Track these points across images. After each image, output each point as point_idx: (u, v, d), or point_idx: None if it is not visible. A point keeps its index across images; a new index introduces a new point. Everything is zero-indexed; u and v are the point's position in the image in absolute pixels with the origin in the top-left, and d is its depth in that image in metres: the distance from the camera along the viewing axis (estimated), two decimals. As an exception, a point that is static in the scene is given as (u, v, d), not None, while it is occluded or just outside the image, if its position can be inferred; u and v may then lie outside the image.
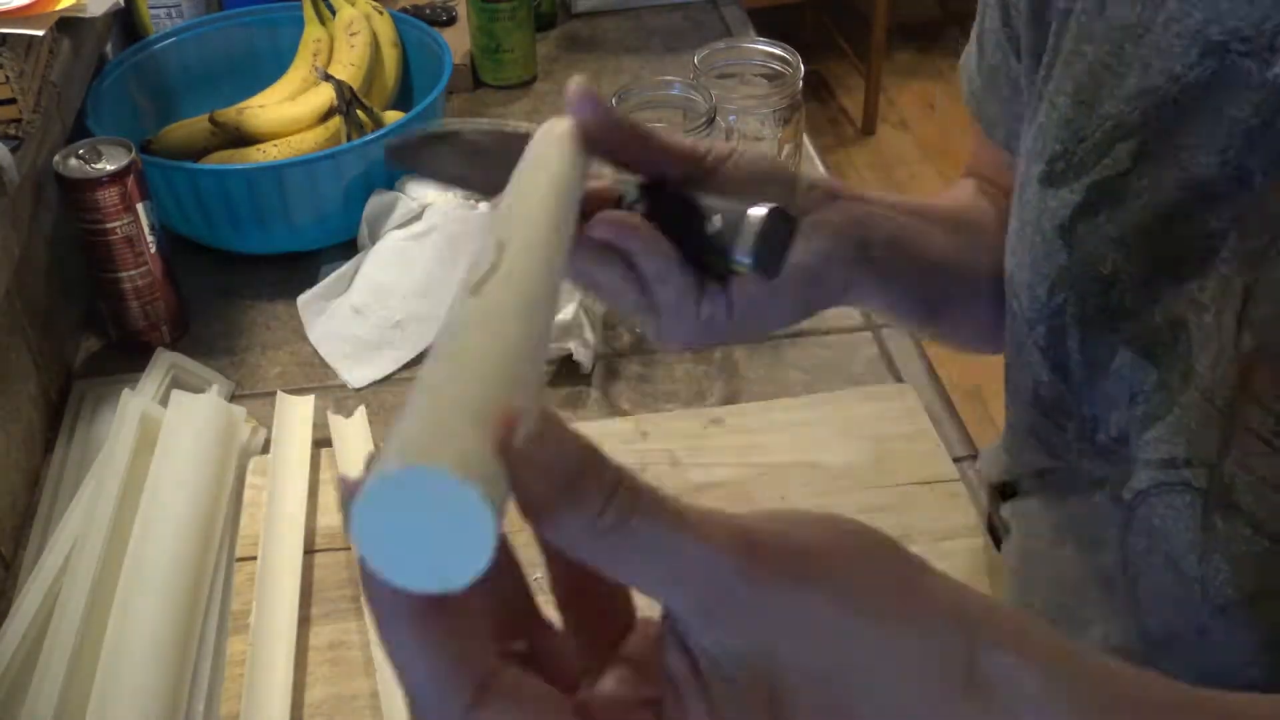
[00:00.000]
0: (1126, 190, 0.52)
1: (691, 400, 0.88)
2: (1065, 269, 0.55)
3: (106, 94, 1.01)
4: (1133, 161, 0.51)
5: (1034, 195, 0.57)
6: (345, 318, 0.93)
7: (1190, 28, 0.48)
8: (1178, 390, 0.51)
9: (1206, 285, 0.49)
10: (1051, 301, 0.56)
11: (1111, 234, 0.53)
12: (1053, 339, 0.57)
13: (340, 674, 0.68)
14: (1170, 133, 0.50)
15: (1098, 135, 0.53)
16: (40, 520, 0.79)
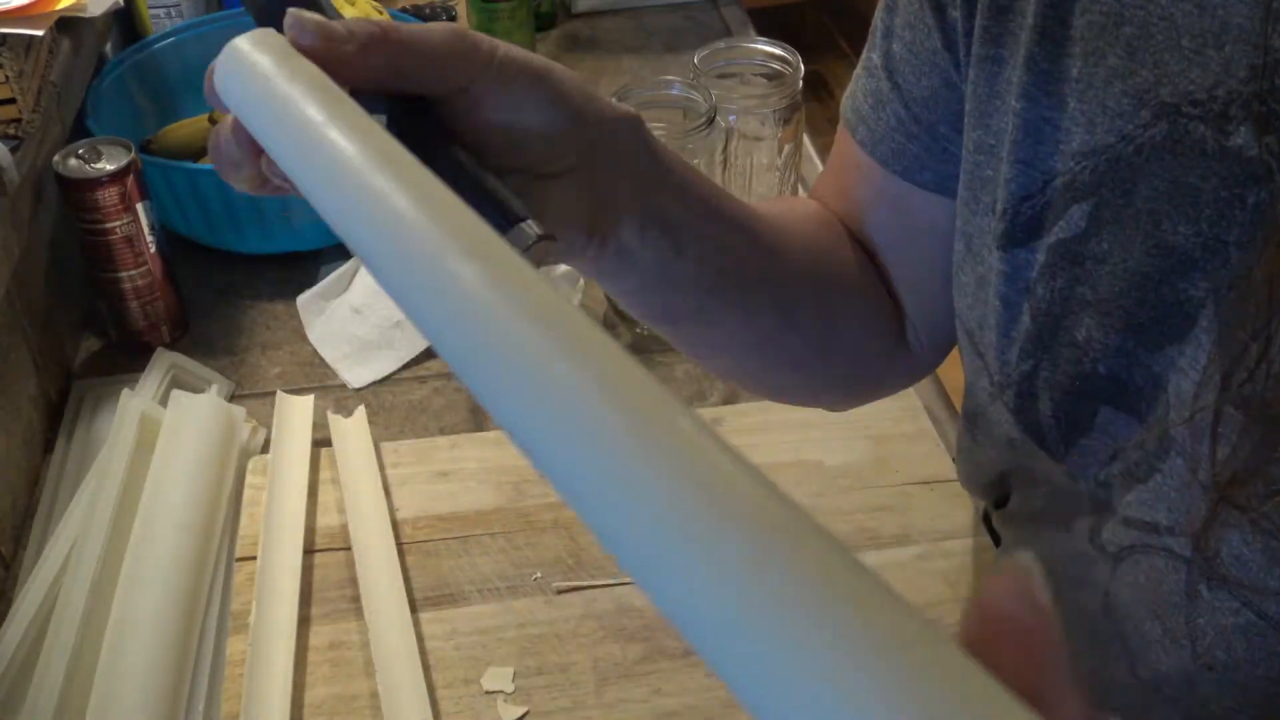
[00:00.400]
0: (1089, 254, 0.48)
1: (691, 400, 0.88)
2: (1033, 334, 0.52)
3: (106, 94, 1.01)
4: (1090, 224, 0.48)
5: (989, 252, 0.53)
6: (345, 318, 0.93)
7: (1137, 86, 0.44)
8: (1157, 455, 0.48)
9: (1185, 350, 0.46)
10: (1021, 366, 0.53)
11: (1084, 296, 0.49)
12: (1023, 403, 0.54)
13: (340, 674, 0.68)
14: (1130, 195, 0.46)
15: (1049, 193, 0.49)
16: (40, 520, 0.79)
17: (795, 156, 0.96)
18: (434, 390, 0.89)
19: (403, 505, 0.77)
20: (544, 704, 0.66)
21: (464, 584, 0.73)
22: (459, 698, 0.66)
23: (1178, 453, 0.47)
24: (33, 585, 0.71)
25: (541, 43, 1.33)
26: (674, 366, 0.91)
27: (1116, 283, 0.48)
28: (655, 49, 1.34)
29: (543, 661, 0.68)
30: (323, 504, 0.78)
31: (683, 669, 0.67)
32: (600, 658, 0.68)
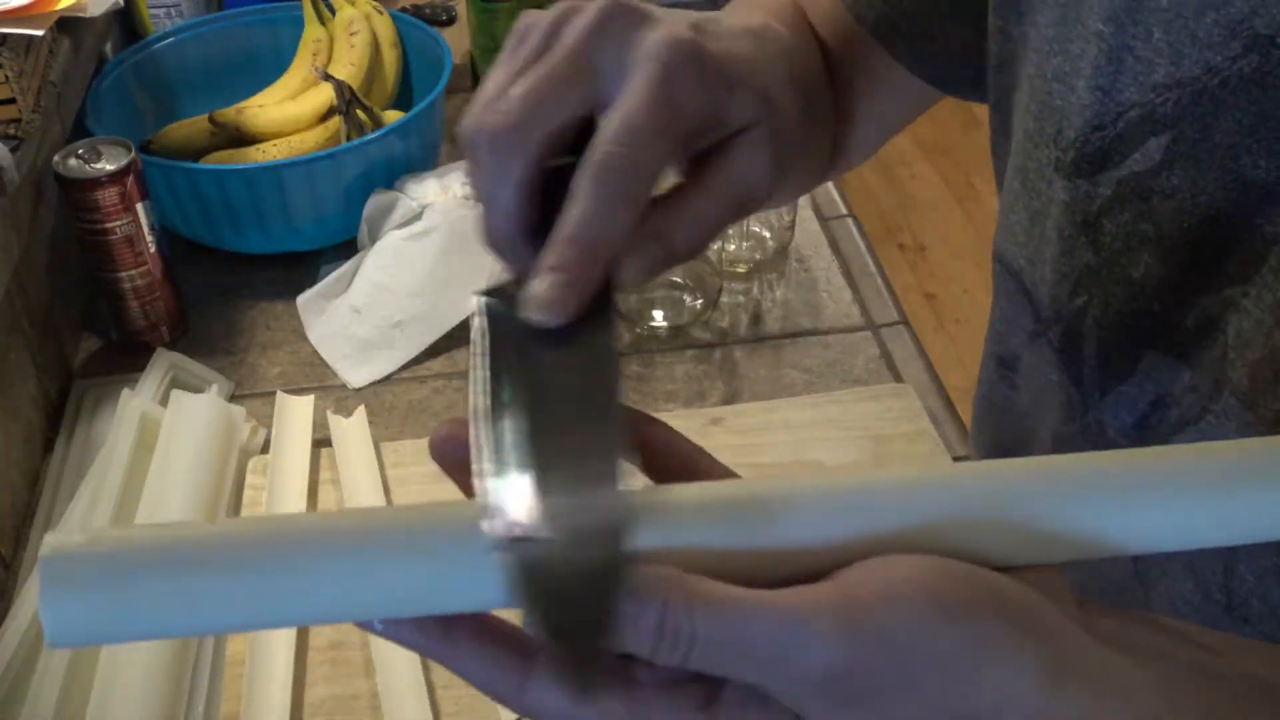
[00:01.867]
0: (1158, 189, 0.48)
1: (691, 400, 0.88)
2: (1091, 269, 0.51)
3: (106, 94, 1.01)
4: (1165, 157, 0.47)
5: (1048, 185, 0.53)
6: (345, 318, 0.93)
7: (1230, 17, 0.43)
8: (1209, 395, 0.48)
9: (1250, 290, 0.46)
10: (1074, 302, 0.53)
11: (1146, 233, 0.49)
12: (1068, 341, 0.54)
13: (340, 674, 0.68)
14: (1210, 129, 0.46)
15: (1121, 125, 0.48)
16: (40, 520, 0.79)
17: (795, 156, 0.96)
18: (434, 390, 0.89)
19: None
20: (544, 704, 0.66)
21: (464, 584, 0.73)
22: (459, 698, 0.66)
23: (1232, 392, 0.47)
24: (33, 585, 0.71)
25: (541, 43, 1.33)
26: (674, 367, 0.91)
27: (1185, 219, 0.47)
28: (655, 49, 1.34)
29: (543, 661, 0.68)
30: (323, 504, 0.78)
31: (683, 669, 0.67)
32: (600, 658, 0.68)
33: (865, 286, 0.98)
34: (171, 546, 0.33)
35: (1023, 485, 0.33)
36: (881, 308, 0.96)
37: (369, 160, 0.97)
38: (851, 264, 1.01)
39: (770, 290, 0.99)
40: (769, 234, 1.00)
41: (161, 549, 0.32)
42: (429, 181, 0.98)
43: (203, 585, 0.32)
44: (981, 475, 0.34)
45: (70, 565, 0.32)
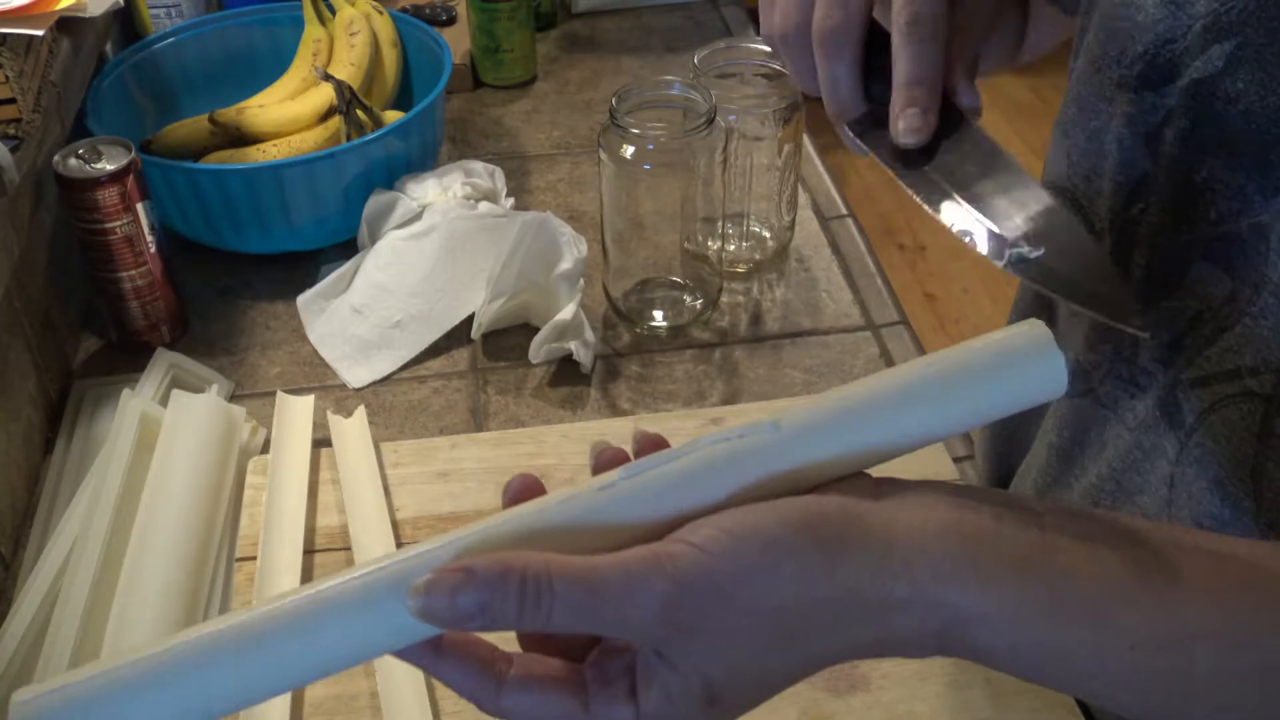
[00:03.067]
0: (1221, 94, 0.49)
1: (691, 400, 0.88)
2: (1149, 177, 0.53)
3: (106, 94, 1.01)
4: (1228, 64, 0.49)
5: (1109, 103, 0.55)
6: (345, 318, 0.93)
7: None
8: (1248, 300, 0.50)
9: None
10: (1129, 210, 0.55)
11: (1209, 138, 0.50)
12: (1121, 249, 0.55)
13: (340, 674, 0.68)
14: (1275, 33, 0.47)
15: (1189, 37, 0.50)
16: (40, 520, 0.79)
17: (795, 156, 0.96)
18: (434, 390, 0.90)
19: (403, 505, 0.77)
20: (544, 704, 0.66)
21: (464, 584, 0.73)
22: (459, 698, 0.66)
23: (1271, 293, 0.48)
24: (33, 585, 0.71)
25: (541, 42, 1.33)
26: (674, 367, 0.91)
27: (1251, 120, 0.49)
28: (655, 49, 1.34)
29: (543, 661, 0.68)
30: (323, 504, 0.78)
31: (683, 669, 0.67)
32: (600, 658, 0.68)
33: (865, 286, 0.99)
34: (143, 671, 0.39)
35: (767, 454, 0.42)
36: (881, 308, 0.96)
37: (369, 160, 0.97)
38: (851, 264, 1.01)
39: (770, 290, 0.99)
40: (769, 234, 1.00)
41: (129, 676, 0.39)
42: (429, 181, 0.98)
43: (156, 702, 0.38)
44: (777, 447, 0.42)
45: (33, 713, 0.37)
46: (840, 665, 0.66)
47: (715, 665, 0.38)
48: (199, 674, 0.38)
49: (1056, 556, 0.38)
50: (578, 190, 1.11)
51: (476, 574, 0.37)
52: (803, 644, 0.39)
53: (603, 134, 0.87)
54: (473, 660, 0.40)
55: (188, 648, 0.39)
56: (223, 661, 0.39)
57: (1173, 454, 0.55)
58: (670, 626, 0.37)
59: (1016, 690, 0.66)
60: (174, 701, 0.38)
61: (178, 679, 0.38)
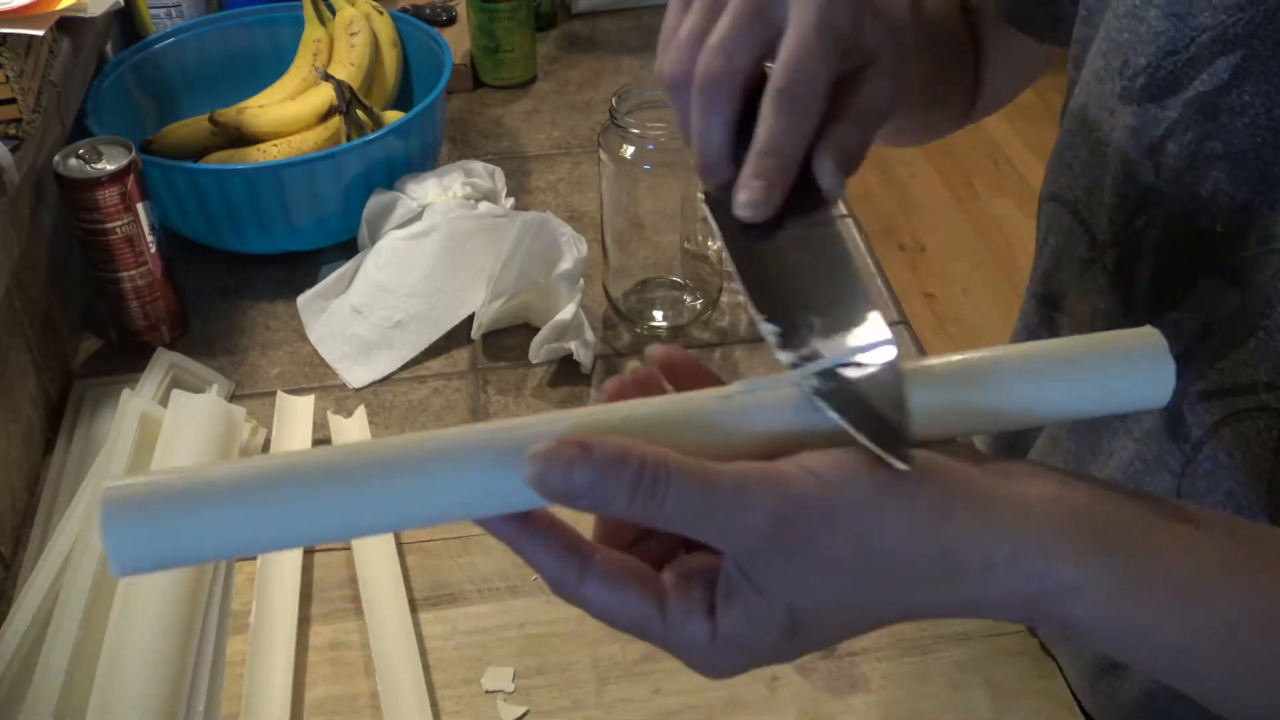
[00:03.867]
0: (1226, 106, 0.49)
1: (691, 400, 0.88)
2: (1153, 190, 0.53)
3: (106, 94, 1.01)
4: (1233, 76, 0.49)
5: (1111, 115, 0.55)
6: (345, 318, 0.93)
7: None
8: (1260, 314, 0.49)
9: None
10: (1133, 224, 0.54)
11: (1214, 151, 0.50)
12: (1124, 264, 0.55)
13: (340, 674, 0.68)
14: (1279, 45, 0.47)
15: (1192, 49, 0.50)
16: (40, 520, 0.79)
17: (795, 156, 0.96)
18: (434, 390, 0.90)
19: (403, 505, 0.77)
20: (544, 704, 0.66)
21: (464, 584, 0.73)
22: (459, 697, 0.67)
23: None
24: (33, 585, 0.71)
25: (541, 42, 1.33)
26: (674, 366, 0.91)
27: (1257, 133, 0.49)
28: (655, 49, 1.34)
29: (543, 661, 0.68)
30: (323, 504, 0.78)
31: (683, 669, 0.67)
32: (600, 658, 0.68)
33: (865, 286, 0.98)
34: (231, 476, 0.37)
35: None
36: (881, 308, 0.96)
37: (369, 160, 0.97)
38: (851, 264, 1.01)
39: (770, 290, 0.99)
40: (769, 234, 1.00)
41: (220, 478, 0.37)
42: (429, 181, 0.98)
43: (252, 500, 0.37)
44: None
45: (126, 503, 0.36)
46: (840, 665, 0.67)
47: (805, 594, 0.38)
48: (293, 501, 0.37)
49: (1153, 535, 0.39)
50: (578, 190, 1.11)
51: (594, 452, 0.37)
52: (894, 591, 0.39)
53: (603, 134, 0.87)
54: (560, 541, 0.40)
55: (290, 472, 0.37)
56: (320, 493, 0.37)
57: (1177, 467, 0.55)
58: (772, 543, 0.37)
59: (1016, 690, 0.66)
60: (262, 523, 0.37)
61: (273, 502, 0.37)
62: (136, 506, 0.36)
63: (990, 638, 0.69)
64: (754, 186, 0.45)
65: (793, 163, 0.45)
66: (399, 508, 0.38)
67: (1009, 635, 0.69)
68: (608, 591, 0.39)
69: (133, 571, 0.37)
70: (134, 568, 0.37)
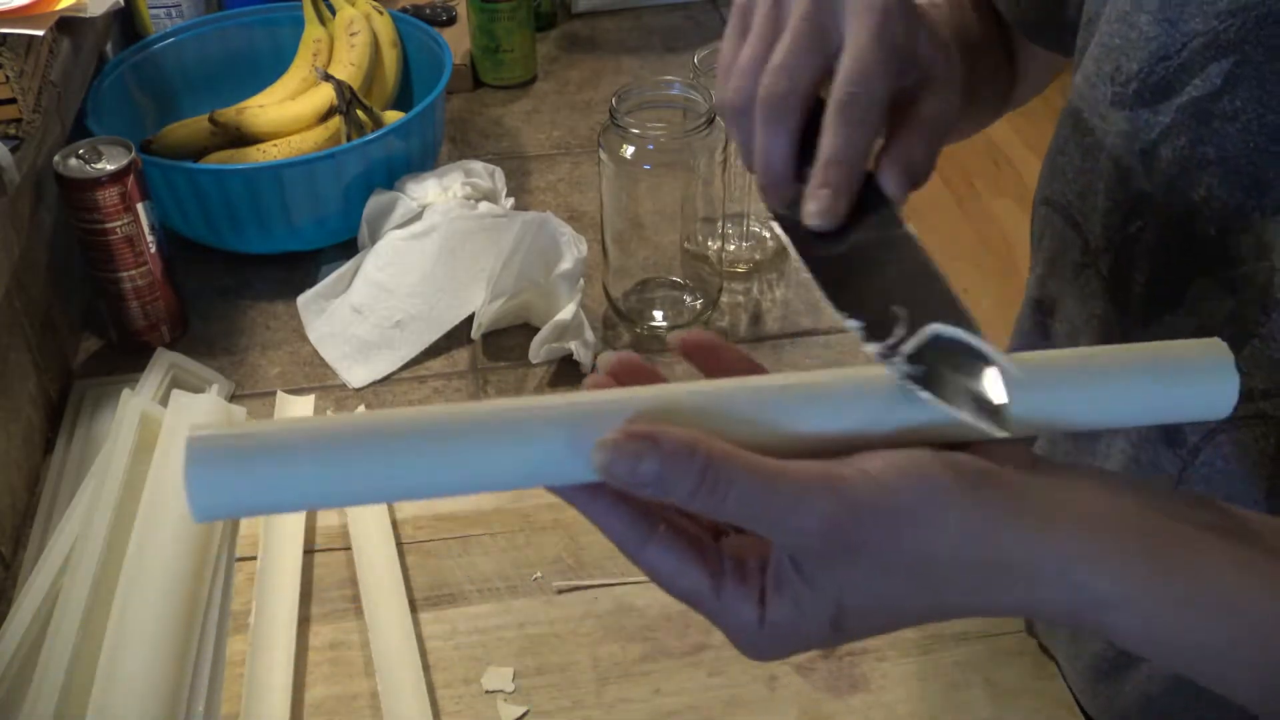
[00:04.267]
0: (1219, 112, 0.50)
1: (691, 400, 0.88)
2: (1145, 195, 0.53)
3: (106, 94, 1.01)
4: (1226, 81, 0.49)
5: (1103, 120, 0.55)
6: (345, 318, 0.93)
7: None
8: (1255, 321, 0.50)
9: None
10: (1127, 229, 0.54)
11: (1207, 156, 0.51)
12: (1118, 270, 0.55)
13: (340, 674, 0.68)
14: (1274, 50, 0.48)
15: (1184, 54, 0.51)
16: (40, 520, 0.79)
17: (795, 156, 0.96)
18: (434, 390, 0.90)
19: (402, 505, 0.77)
20: (544, 704, 0.66)
21: (464, 584, 0.73)
22: (459, 697, 0.67)
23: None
24: (33, 585, 0.71)
25: (541, 42, 1.33)
26: (674, 367, 0.91)
27: (1250, 139, 0.49)
28: (655, 49, 1.34)
29: (543, 661, 0.68)
30: (323, 504, 0.78)
31: (683, 669, 0.67)
32: (600, 658, 0.68)
33: (865, 286, 0.98)
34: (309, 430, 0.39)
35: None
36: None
37: (369, 160, 0.97)
38: (851, 264, 1.01)
39: (770, 290, 0.99)
40: (769, 234, 1.00)
41: (298, 432, 0.39)
42: (429, 181, 0.98)
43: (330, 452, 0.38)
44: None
45: (211, 450, 0.37)
46: (840, 665, 0.67)
47: (854, 593, 0.39)
48: (371, 460, 0.38)
49: (1199, 551, 0.39)
50: (578, 190, 1.11)
51: (661, 445, 0.37)
52: (942, 594, 0.39)
53: (603, 134, 0.87)
54: (627, 508, 0.41)
55: (371, 431, 0.39)
56: (399, 453, 0.39)
57: (1174, 472, 0.55)
58: (827, 543, 0.38)
59: (1016, 690, 0.66)
60: (340, 479, 0.38)
61: (352, 460, 0.38)
62: (221, 454, 0.37)
63: (990, 638, 0.69)
64: (821, 195, 0.46)
65: (857, 172, 0.47)
66: (471, 474, 0.39)
67: (1009, 635, 0.69)
68: (669, 559, 0.40)
69: (210, 517, 0.38)
70: (211, 514, 0.38)
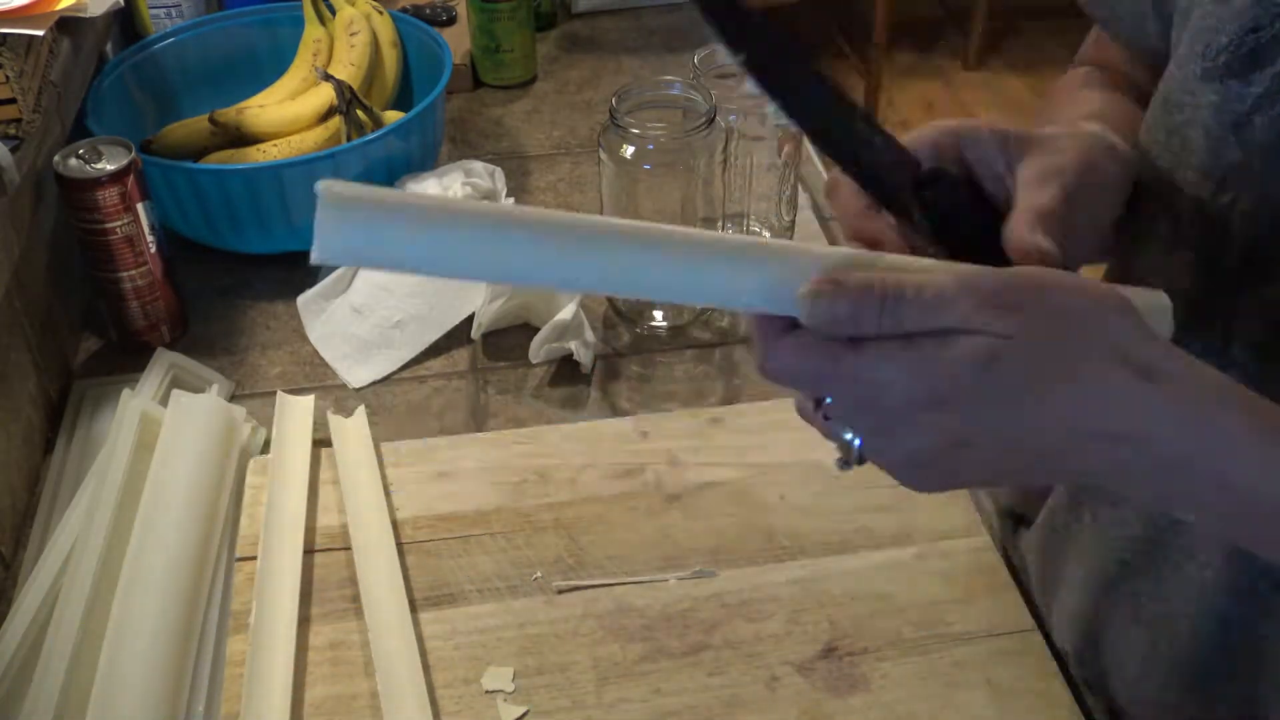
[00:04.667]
0: None
1: (691, 400, 0.88)
2: (1238, 165, 0.54)
3: (106, 94, 1.01)
4: None
5: (1192, 96, 0.55)
6: (345, 318, 0.93)
7: None
8: None
9: None
10: (1219, 200, 0.55)
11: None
12: (1209, 243, 0.56)
13: (340, 674, 0.68)
14: None
15: (1277, 26, 0.51)
16: (40, 520, 0.79)
17: (795, 156, 0.96)
18: (434, 390, 0.89)
19: (402, 505, 0.77)
20: (544, 704, 0.66)
21: (464, 584, 0.73)
22: (459, 697, 0.67)
23: None
24: (33, 585, 0.71)
25: (541, 42, 1.33)
26: (674, 367, 0.91)
27: None
28: (655, 49, 1.35)
29: (543, 661, 0.68)
30: (323, 504, 0.78)
31: (683, 669, 0.67)
32: (600, 658, 0.68)
33: (865, 286, 0.98)
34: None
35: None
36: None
37: (369, 160, 0.97)
38: (851, 264, 1.01)
39: (770, 290, 0.99)
40: (769, 234, 1.00)
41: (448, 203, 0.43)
42: (429, 181, 0.98)
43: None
44: None
45: (344, 193, 0.40)
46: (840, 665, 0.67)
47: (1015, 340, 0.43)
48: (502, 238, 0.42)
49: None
50: (578, 190, 1.11)
51: (846, 287, 0.44)
52: (1080, 365, 0.43)
53: (603, 134, 0.87)
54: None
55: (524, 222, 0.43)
56: (592, 253, 0.44)
57: None
58: (998, 296, 0.43)
59: (1016, 690, 0.66)
60: (506, 257, 0.42)
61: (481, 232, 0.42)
62: (354, 199, 0.40)
63: (990, 638, 0.69)
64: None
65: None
66: (651, 279, 0.45)
67: (1009, 635, 0.69)
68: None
69: (329, 260, 0.41)
70: (331, 255, 0.40)
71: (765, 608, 0.70)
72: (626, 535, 0.75)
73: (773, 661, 0.68)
